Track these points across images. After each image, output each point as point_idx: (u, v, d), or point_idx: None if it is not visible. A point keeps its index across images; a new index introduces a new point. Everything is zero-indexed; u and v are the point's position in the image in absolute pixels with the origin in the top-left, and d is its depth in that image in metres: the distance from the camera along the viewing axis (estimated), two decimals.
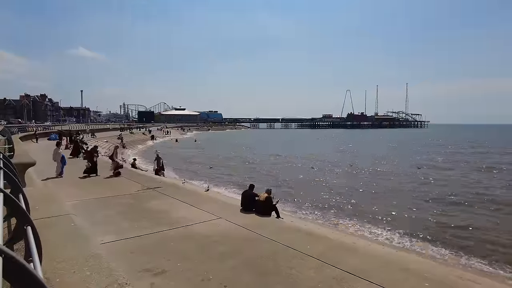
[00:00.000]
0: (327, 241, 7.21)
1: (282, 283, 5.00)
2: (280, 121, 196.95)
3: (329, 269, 5.57)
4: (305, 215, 13.06)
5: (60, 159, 13.96)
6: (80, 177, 13.70)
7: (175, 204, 9.82)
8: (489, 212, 13.85)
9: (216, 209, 9.27)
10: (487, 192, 17.92)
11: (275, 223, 8.64)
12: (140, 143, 51.82)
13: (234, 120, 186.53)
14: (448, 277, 5.70)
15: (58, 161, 13.92)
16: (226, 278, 5.07)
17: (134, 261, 5.56)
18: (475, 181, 21.26)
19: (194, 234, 7.14)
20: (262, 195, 9.54)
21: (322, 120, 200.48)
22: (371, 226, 11.71)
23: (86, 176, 14.00)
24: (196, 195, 11.37)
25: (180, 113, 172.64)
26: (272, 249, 6.44)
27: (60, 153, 14.43)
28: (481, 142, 66.72)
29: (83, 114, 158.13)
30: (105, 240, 6.41)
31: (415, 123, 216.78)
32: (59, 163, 13.86)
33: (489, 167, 28.00)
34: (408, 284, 5.16)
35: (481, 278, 6.47)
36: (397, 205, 14.79)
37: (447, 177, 22.80)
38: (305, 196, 16.48)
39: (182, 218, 8.25)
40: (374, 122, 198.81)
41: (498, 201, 15.78)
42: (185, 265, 5.49)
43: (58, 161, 13.92)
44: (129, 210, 8.96)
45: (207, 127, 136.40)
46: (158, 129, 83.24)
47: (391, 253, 7.53)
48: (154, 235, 6.98)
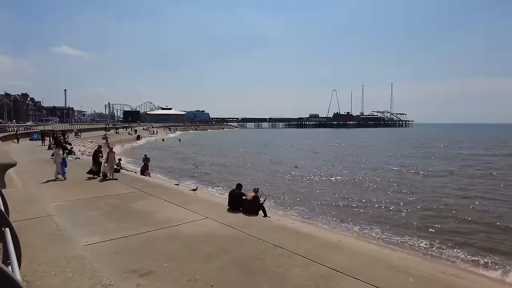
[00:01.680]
0: (314, 239, 7.26)
1: (270, 282, 5.00)
2: (268, 121, 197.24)
3: (316, 267, 5.60)
4: (291, 214, 13.10)
5: (61, 160, 13.44)
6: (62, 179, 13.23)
7: (161, 204, 9.71)
8: (468, 206, 14.19)
9: (203, 209, 9.20)
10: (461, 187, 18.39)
11: (262, 222, 8.64)
12: (125, 143, 51.07)
13: (221, 119, 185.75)
14: (431, 273, 5.81)
15: (58, 163, 13.36)
16: (213, 278, 5.04)
17: (119, 262, 5.47)
18: (449, 174, 21.81)
19: (181, 234, 7.07)
20: (250, 194, 9.52)
21: (309, 120, 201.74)
22: (356, 223, 11.84)
23: (90, 178, 13.65)
24: (183, 195, 11.28)
25: (167, 113, 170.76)
26: (259, 248, 6.43)
27: (61, 154, 13.86)
28: (449, 138, 68.48)
29: (67, 113, 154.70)
30: (89, 241, 6.28)
31: (400, 122, 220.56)
32: (59, 164, 13.31)
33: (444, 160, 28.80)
34: (393, 280, 5.23)
35: (464, 273, 6.63)
36: (380, 201, 15.01)
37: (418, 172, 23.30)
38: (291, 195, 16.55)
39: (168, 218, 8.16)
40: (359, 122, 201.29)
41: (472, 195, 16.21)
42: (171, 266, 5.42)
43: (58, 163, 13.36)
44: (114, 211, 8.81)
45: (194, 126, 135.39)
46: (144, 129, 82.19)
47: (377, 250, 7.64)
48: (140, 236, 6.88)
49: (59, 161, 13.34)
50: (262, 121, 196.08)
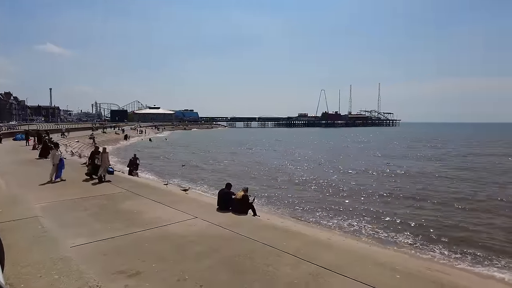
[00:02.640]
0: (303, 238, 7.30)
1: (259, 281, 5.01)
2: (257, 120, 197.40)
3: (305, 265, 5.64)
4: (281, 213, 13.14)
5: (58, 161, 12.85)
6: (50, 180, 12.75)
7: (149, 204, 9.61)
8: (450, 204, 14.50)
9: (192, 209, 9.15)
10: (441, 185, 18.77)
11: (252, 221, 8.65)
12: (113, 142, 50.34)
13: (210, 119, 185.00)
14: (418, 269, 5.92)
15: (55, 164, 12.78)
16: (202, 278, 5.02)
17: (107, 263, 5.39)
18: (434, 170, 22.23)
19: (170, 235, 7.01)
20: (239, 193, 9.52)
21: (298, 119, 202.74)
22: (344, 221, 11.96)
23: (88, 179, 13.18)
24: (171, 195, 11.19)
25: (155, 112, 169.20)
26: (249, 247, 6.44)
27: (59, 155, 13.22)
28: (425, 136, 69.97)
29: (52, 113, 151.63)
30: (76, 242, 6.17)
31: (387, 121, 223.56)
32: (56, 166, 12.76)
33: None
34: (381, 277, 5.31)
35: (449, 269, 6.77)
36: (368, 199, 15.21)
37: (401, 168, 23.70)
38: (281, 193, 16.62)
39: (157, 219, 8.09)
40: (348, 121, 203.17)
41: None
42: (160, 266, 5.38)
43: (55, 164, 12.78)
44: (101, 212, 8.68)
45: (183, 126, 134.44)
46: (132, 129, 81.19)
47: (364, 248, 7.73)
48: (128, 236, 6.80)
49: (56, 162, 12.78)
50: (251, 120, 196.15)
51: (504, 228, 11.34)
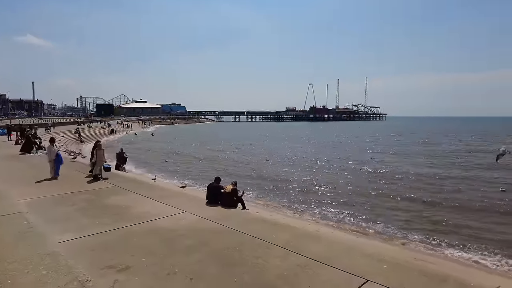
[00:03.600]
0: (292, 230, 7.38)
1: (249, 273, 5.05)
2: (245, 114, 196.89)
3: (294, 257, 5.71)
4: (270, 206, 13.23)
5: (55, 157, 12.32)
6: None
7: (138, 199, 9.54)
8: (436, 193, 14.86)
9: (180, 203, 9.13)
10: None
11: (241, 214, 8.69)
12: (99, 137, 49.50)
13: (198, 113, 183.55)
14: (405, 259, 6.06)
15: (52, 160, 12.26)
16: (192, 271, 5.03)
17: (95, 258, 5.34)
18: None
19: (159, 229, 6.99)
20: (228, 187, 9.54)
21: (286, 113, 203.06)
22: (333, 214, 12.13)
23: (89, 176, 12.64)
24: (160, 190, 11.13)
25: (141, 106, 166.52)
26: (238, 240, 6.48)
27: (55, 150, 12.61)
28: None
29: (36, 107, 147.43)
30: (63, 238, 6.09)
31: (373, 115, 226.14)
32: (53, 162, 12.25)
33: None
34: (368, 268, 5.42)
35: (434, 258, 6.96)
36: (355, 191, 15.44)
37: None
38: (269, 187, 16.71)
39: (145, 213, 8.04)
40: (335, 115, 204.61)
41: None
42: (149, 260, 5.37)
43: (52, 160, 12.26)
44: (89, 207, 8.58)
45: (170, 120, 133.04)
46: (118, 123, 79.96)
47: (352, 239, 7.87)
48: (117, 231, 6.74)
49: (53, 158, 12.27)
50: (239, 114, 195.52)
51: (480, 217, 11.69)
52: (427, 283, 4.92)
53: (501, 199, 14.23)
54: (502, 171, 21.51)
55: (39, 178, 11.90)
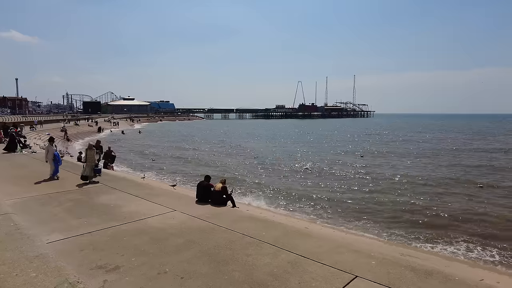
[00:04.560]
0: (282, 227, 7.45)
1: (239, 271, 5.09)
2: (235, 112, 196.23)
3: (284, 254, 5.77)
4: (260, 203, 13.29)
5: (53, 157, 11.83)
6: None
7: (127, 198, 9.47)
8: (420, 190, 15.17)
9: (170, 202, 9.10)
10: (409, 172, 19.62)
11: (231, 212, 8.71)
12: (86, 135, 48.80)
13: (187, 110, 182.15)
14: (392, 255, 6.19)
15: (50, 160, 11.83)
16: (182, 270, 5.04)
17: (85, 258, 5.30)
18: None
19: (148, 228, 6.97)
20: (218, 185, 9.54)
21: (276, 111, 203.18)
22: (322, 211, 12.27)
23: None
24: (149, 188, 11.06)
25: (129, 103, 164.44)
26: (228, 238, 6.50)
27: (53, 150, 12.13)
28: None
29: (20, 104, 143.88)
30: (51, 239, 6.02)
31: (361, 113, 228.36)
32: (51, 162, 11.83)
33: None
34: (357, 263, 5.52)
35: (419, 253, 7.13)
36: (341, 188, 15.64)
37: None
38: (259, 185, 16.77)
39: (135, 212, 7.99)
40: (324, 113, 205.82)
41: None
42: (139, 260, 5.35)
43: (50, 160, 11.83)
44: (77, 206, 8.47)
45: (159, 117, 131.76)
46: (106, 121, 78.86)
47: (341, 236, 7.99)
48: (106, 231, 6.69)
49: (51, 158, 11.81)
50: (229, 112, 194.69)
51: (460, 214, 11.99)
52: (414, 277, 5.05)
53: (479, 196, 14.61)
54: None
55: (24, 178, 11.68)
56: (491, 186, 16.43)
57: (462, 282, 4.95)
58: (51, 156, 11.90)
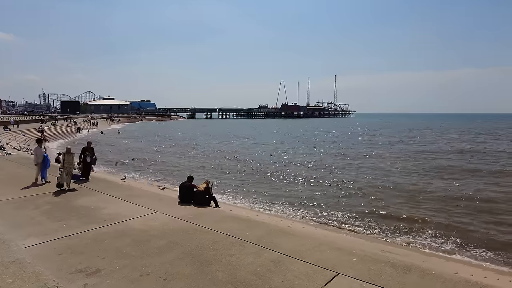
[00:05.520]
0: (265, 227, 7.50)
1: (223, 271, 5.10)
2: (218, 111, 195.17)
3: (267, 253, 5.82)
4: (243, 203, 13.29)
5: (42, 160, 11.23)
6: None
7: (107, 200, 9.29)
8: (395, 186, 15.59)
9: (152, 203, 9.01)
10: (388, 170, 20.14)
11: (214, 213, 8.69)
12: (64, 136, 47.41)
13: (168, 110, 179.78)
14: (372, 251, 6.33)
15: (39, 163, 11.20)
16: (165, 272, 5.01)
17: (64, 263, 5.17)
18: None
19: (130, 230, 6.87)
20: (201, 185, 9.51)
21: (259, 111, 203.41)
22: (304, 209, 12.40)
23: (82, 180, 11.76)
24: (130, 190, 10.89)
25: (109, 103, 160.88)
26: (211, 238, 6.50)
27: (42, 152, 11.44)
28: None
29: None
30: (28, 243, 5.84)
31: (342, 112, 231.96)
32: (40, 165, 11.22)
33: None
34: (339, 261, 5.63)
35: (398, 249, 7.32)
36: (325, 185, 15.87)
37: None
38: (243, 185, 16.79)
39: (115, 214, 7.86)
40: (306, 112, 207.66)
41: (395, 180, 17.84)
42: (121, 262, 5.28)
43: (39, 163, 11.20)
44: (55, 209, 8.25)
45: (140, 117, 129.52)
46: (85, 121, 76.89)
47: (323, 234, 8.09)
48: (85, 234, 6.55)
49: (40, 161, 11.20)
50: (211, 111, 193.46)
51: (440, 208, 12.40)
52: (393, 273, 5.19)
53: (460, 191, 15.13)
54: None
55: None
56: (465, 184, 17.03)
57: (438, 276, 5.14)
58: (41, 158, 11.25)
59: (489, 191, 15.26)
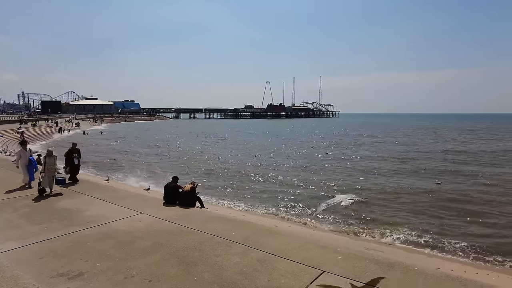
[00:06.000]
0: (251, 226, 7.50)
1: (209, 271, 5.07)
2: (203, 112, 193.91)
3: (254, 253, 5.83)
4: (229, 204, 13.25)
5: (27, 163, 10.72)
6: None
7: (90, 201, 9.11)
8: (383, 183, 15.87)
9: (136, 204, 8.88)
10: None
11: (200, 213, 8.64)
12: (45, 137, 46.16)
13: (153, 110, 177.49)
14: (357, 249, 6.43)
15: (23, 166, 10.70)
16: (150, 273, 4.94)
17: (45, 266, 5.04)
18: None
19: (114, 232, 6.76)
20: (187, 186, 9.45)
21: (245, 111, 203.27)
22: (289, 207, 12.47)
23: (70, 183, 11.29)
24: (113, 191, 10.71)
25: (92, 103, 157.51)
26: (197, 239, 6.46)
27: (28, 155, 10.94)
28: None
29: None
30: (5, 247, 5.66)
31: (327, 112, 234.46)
32: (25, 168, 10.72)
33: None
34: (324, 259, 5.69)
35: (382, 247, 7.46)
36: (307, 184, 16.00)
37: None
38: (229, 185, 16.75)
39: (99, 216, 7.72)
40: (291, 113, 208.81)
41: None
42: (105, 265, 5.18)
43: (23, 166, 10.70)
44: (36, 212, 8.03)
45: (123, 117, 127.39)
46: (67, 121, 75.08)
47: (309, 233, 8.16)
48: (67, 237, 6.41)
49: (26, 164, 10.73)
50: (197, 111, 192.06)
51: (422, 208, 12.69)
52: (377, 270, 5.28)
53: (438, 191, 15.52)
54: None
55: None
56: (449, 183, 17.47)
57: (420, 271, 5.26)
58: (25, 161, 10.73)
59: (470, 190, 15.68)
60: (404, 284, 4.82)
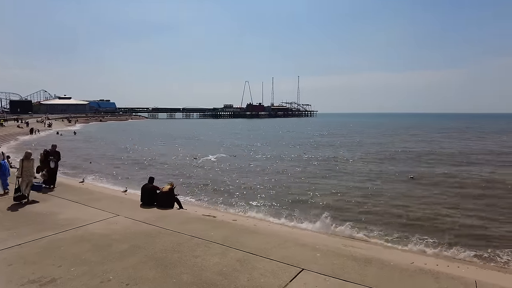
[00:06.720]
0: (231, 226, 7.49)
1: (188, 273, 5.02)
2: (181, 111, 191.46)
3: (233, 253, 5.81)
4: (207, 204, 13.16)
5: None
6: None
7: (64, 204, 8.82)
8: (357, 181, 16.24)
9: (112, 206, 8.67)
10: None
11: (178, 214, 8.54)
12: (14, 137, 44.21)
13: (129, 109, 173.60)
14: (335, 246, 6.55)
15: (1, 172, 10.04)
16: (128, 277, 4.83)
17: (14, 273, 4.83)
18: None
19: (89, 235, 6.56)
20: (165, 187, 9.31)
21: (224, 110, 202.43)
22: (268, 207, 12.52)
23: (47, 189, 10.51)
24: (89, 193, 10.42)
25: (65, 103, 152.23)
26: (176, 241, 6.37)
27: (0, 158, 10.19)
28: None
29: None
30: None
31: (305, 112, 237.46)
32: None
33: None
34: (303, 256, 5.75)
35: (359, 243, 7.63)
36: (284, 184, 16.14)
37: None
38: (209, 185, 16.63)
39: (73, 219, 7.48)
40: (270, 112, 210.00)
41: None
42: (80, 269, 5.02)
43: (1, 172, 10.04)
44: (3, 217, 7.69)
45: (98, 117, 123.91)
46: (38, 121, 72.16)
47: (288, 231, 8.24)
48: (38, 242, 6.16)
49: None
50: (175, 111, 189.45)
51: (399, 204, 13.09)
52: (355, 266, 5.39)
53: (411, 186, 16.04)
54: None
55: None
56: (421, 177, 18.09)
57: (396, 266, 5.42)
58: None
59: (442, 186, 16.29)
60: (381, 279, 4.95)
